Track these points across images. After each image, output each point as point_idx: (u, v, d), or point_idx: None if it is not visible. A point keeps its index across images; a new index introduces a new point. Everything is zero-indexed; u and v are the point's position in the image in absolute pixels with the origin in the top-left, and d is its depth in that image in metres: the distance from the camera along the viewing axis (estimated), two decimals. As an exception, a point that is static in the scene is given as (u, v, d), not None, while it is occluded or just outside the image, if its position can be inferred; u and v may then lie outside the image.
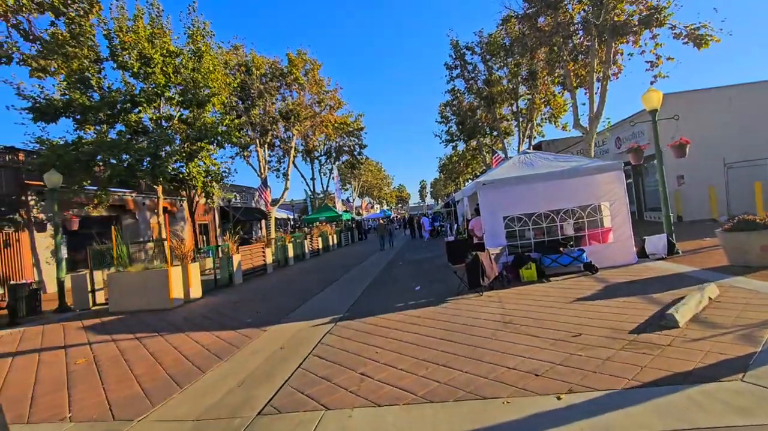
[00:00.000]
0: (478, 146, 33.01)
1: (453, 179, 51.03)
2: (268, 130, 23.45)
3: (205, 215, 25.23)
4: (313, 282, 11.25)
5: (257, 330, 6.43)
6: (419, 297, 7.66)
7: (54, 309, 10.13)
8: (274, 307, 8.24)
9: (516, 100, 22.80)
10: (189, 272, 9.71)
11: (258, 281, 12.78)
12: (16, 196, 13.42)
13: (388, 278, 10.78)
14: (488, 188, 8.45)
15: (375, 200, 70.42)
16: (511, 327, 5.04)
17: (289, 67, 22.80)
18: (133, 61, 12.48)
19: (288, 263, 16.81)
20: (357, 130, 31.86)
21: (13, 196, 13.29)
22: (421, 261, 13.81)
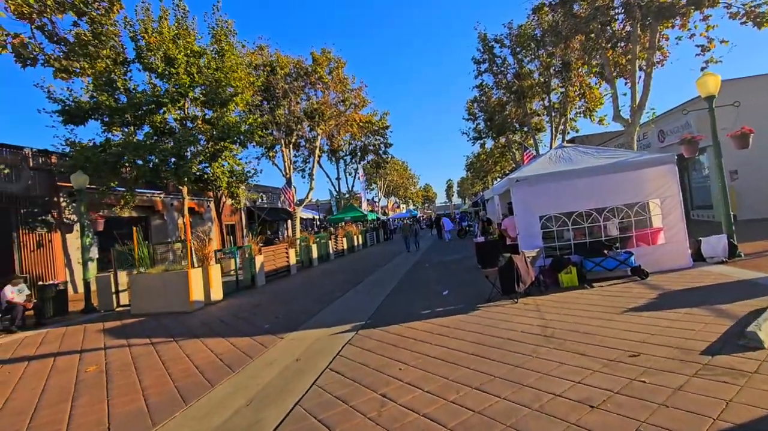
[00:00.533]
0: (507, 143, 31.87)
1: (481, 178, 49.78)
2: (293, 130, 23.37)
3: (232, 215, 25.44)
4: (336, 284, 10.86)
5: (274, 338, 6.05)
6: (447, 303, 7.09)
7: (80, 310, 10.19)
8: (294, 311, 7.87)
9: (548, 94, 21.70)
10: (210, 274, 9.52)
11: (281, 282, 12.52)
12: (49, 197, 13.74)
13: (413, 280, 10.24)
14: (522, 185, 7.77)
15: (401, 199, 69.86)
16: (553, 341, 4.41)
17: (314, 66, 22.60)
18: (158, 61, 12.48)
19: (312, 264, 16.54)
20: (382, 128, 31.43)
21: (45, 197, 13.61)
22: (448, 263, 13.18)
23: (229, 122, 13.10)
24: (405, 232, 21.04)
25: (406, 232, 20.89)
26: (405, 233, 20.87)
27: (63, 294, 10.21)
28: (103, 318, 9.04)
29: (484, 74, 23.35)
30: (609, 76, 13.09)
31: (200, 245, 9.59)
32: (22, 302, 8.58)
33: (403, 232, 21.32)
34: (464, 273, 10.40)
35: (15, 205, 12.77)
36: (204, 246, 9.60)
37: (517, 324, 5.26)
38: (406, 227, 21.44)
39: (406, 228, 21.37)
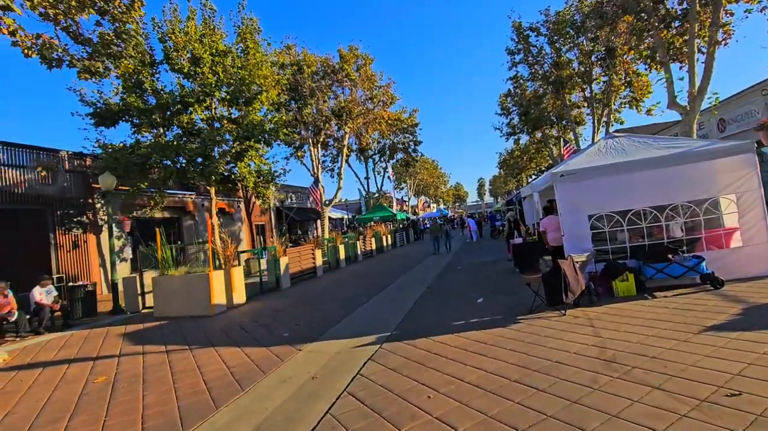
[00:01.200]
0: (544, 139, 30.33)
1: (514, 176, 47.97)
2: (320, 129, 23.12)
3: (262, 215, 25.53)
4: (363, 288, 10.31)
5: (292, 349, 5.55)
6: (483, 313, 6.35)
7: (108, 311, 10.18)
8: (316, 318, 7.37)
9: (589, 84, 20.24)
10: (232, 277, 9.21)
11: (306, 285, 12.12)
12: (84, 199, 14.01)
13: (444, 285, 9.52)
14: (568, 180, 6.89)
15: (431, 198, 68.78)
16: (616, 368, 3.61)
17: (341, 63, 22.22)
18: (184, 61, 12.40)
19: (339, 265, 16.12)
20: (411, 126, 30.71)
21: (80, 199, 13.89)
22: (481, 266, 12.33)
23: (254, 121, 12.85)
24: (434, 232, 19.31)
25: (434, 232, 19.16)
26: (434, 234, 19.18)
27: (92, 295, 10.23)
28: (126, 321, 8.91)
29: (518, 65, 22.13)
30: (663, 59, 11.79)
31: (222, 246, 9.30)
32: (49, 303, 8.57)
33: (432, 232, 19.52)
34: (500, 278, 9.57)
35: (52, 206, 13.07)
36: (227, 248, 9.30)
37: (567, 342, 4.48)
38: (435, 227, 19.64)
39: (435, 228, 19.56)
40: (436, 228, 19.25)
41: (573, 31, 19.14)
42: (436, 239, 18.75)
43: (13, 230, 12.62)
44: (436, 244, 18.65)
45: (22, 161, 12.32)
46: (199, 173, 12.29)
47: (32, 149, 12.64)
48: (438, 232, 18.83)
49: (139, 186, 13.29)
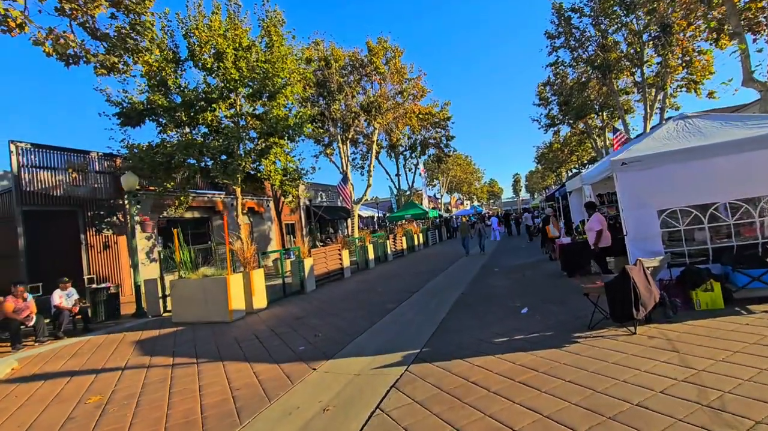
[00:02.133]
0: (587, 129, 28.31)
1: (553, 170, 45.59)
2: (349, 125, 22.52)
3: (292, 214, 25.29)
4: (390, 292, 9.51)
5: (306, 367, 4.83)
6: (529, 326, 5.37)
7: (132, 314, 9.95)
8: (338, 328, 6.64)
9: (640, 66, 18.38)
10: (252, 280, 8.66)
11: (332, 288, 11.46)
12: (114, 200, 14.05)
13: (481, 290, 8.54)
14: (632, 168, 5.76)
15: (464, 195, 67.01)
16: (735, 425, 2.59)
17: (369, 56, 21.49)
18: (208, 57, 12.05)
19: (368, 265, 15.40)
20: (443, 120, 29.54)
21: (111, 200, 13.93)
22: (522, 268, 11.20)
23: (278, 116, 12.33)
24: (463, 232, 17.16)
25: (464, 232, 17.04)
26: (463, 234, 17.10)
27: (114, 298, 10.05)
28: (144, 326, 8.56)
29: (559, 50, 20.53)
30: (737, 29, 10.18)
31: (241, 247, 8.77)
32: (69, 307, 8.35)
33: (461, 232, 17.25)
34: (545, 282, 8.47)
35: (83, 208, 13.16)
36: (246, 249, 8.77)
37: (647, 375, 3.46)
38: (464, 226, 17.38)
39: (463, 227, 17.37)
40: (465, 227, 17.31)
41: (621, 9, 17.43)
42: (464, 240, 16.92)
43: (45, 231, 12.77)
44: (465, 244, 16.79)
45: (53, 163, 12.42)
46: (222, 172, 11.91)
47: (63, 151, 12.73)
48: (467, 231, 16.98)
49: (165, 186, 13.16)
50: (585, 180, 8.38)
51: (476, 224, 18.18)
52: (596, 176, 7.42)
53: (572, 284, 7.78)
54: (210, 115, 12.48)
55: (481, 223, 18.78)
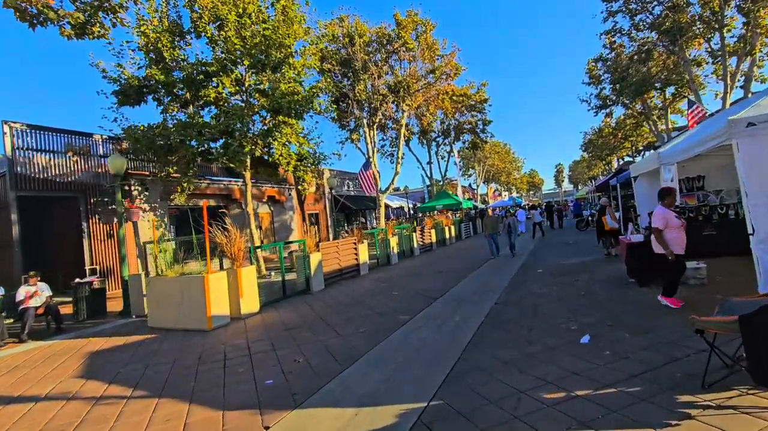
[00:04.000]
0: (645, 110, 24.95)
1: (602, 158, 41.70)
2: (377, 109, 20.80)
3: (316, 203, 24.07)
4: (408, 298, 7.82)
5: (257, 421, 3.27)
6: (597, 372, 3.51)
7: (119, 312, 8.90)
8: (329, 349, 5.06)
9: (720, 30, 15.29)
10: (240, 280, 7.25)
11: (342, 288, 9.92)
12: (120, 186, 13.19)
13: (520, 300, 6.66)
14: (761, 131, 3.70)
15: (503, 186, 63.70)
16: None
17: (397, 30, 19.56)
18: (206, 23, 10.71)
19: (390, 261, 13.76)
20: (479, 103, 27.13)
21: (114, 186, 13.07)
22: (573, 269, 9.14)
23: (284, 91, 10.83)
24: (488, 228, 13.03)
25: (491, 228, 12.91)
26: (489, 230, 13.00)
27: (99, 294, 9.03)
28: (117, 330, 7.39)
29: (616, 15, 17.66)
30: None
31: (228, 240, 7.37)
32: (37, 305, 7.31)
33: (487, 228, 13.18)
34: (609, 294, 6.44)
35: (84, 193, 12.37)
36: (232, 242, 7.36)
37: None
38: (492, 221, 13.30)
39: (491, 222, 13.21)
40: (493, 223, 13.15)
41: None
42: (491, 238, 12.86)
43: (43, 219, 12.08)
44: (493, 244, 12.80)
45: (52, 146, 11.63)
46: (222, 155, 10.61)
47: (62, 133, 11.91)
48: (493, 228, 12.93)
49: (168, 171, 12.10)
50: (666, 158, 6.25)
51: (506, 217, 14.56)
52: (691, 149, 5.32)
53: (648, 299, 5.76)
54: (213, 91, 11.19)
55: (511, 216, 15.13)
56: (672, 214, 5.15)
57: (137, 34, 10.64)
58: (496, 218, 13.68)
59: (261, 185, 19.71)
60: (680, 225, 5.13)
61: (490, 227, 13.02)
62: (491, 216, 13.82)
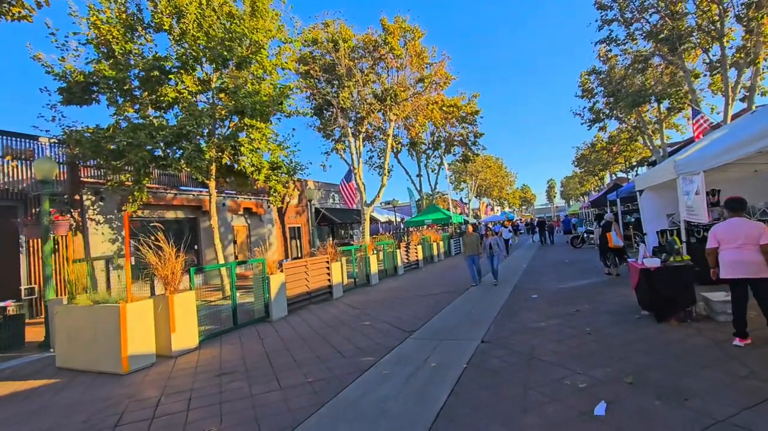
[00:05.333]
0: (639, 125, 24.26)
1: (595, 174, 41.11)
2: (362, 117, 19.77)
3: (298, 217, 22.80)
4: (377, 332, 6.56)
5: None
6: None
7: (39, 344, 7.49)
8: (255, 415, 3.76)
9: (720, 40, 14.56)
10: (172, 309, 5.94)
11: (307, 314, 8.60)
12: (70, 195, 11.86)
13: (512, 338, 5.43)
14: None
15: (495, 201, 62.96)
16: None
17: (384, 36, 18.68)
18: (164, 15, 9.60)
19: (369, 281, 12.47)
20: (471, 114, 26.30)
21: (65, 195, 11.74)
22: (573, 295, 7.95)
23: (249, 91, 9.68)
24: (468, 249, 10.59)
25: (471, 248, 10.49)
26: (468, 252, 10.52)
27: (16, 321, 7.61)
28: (17, 371, 6.00)
29: (612, 23, 16.94)
30: None
31: (159, 261, 6.07)
32: None
33: (466, 248, 10.74)
34: (621, 332, 5.24)
35: (24, 203, 11.00)
36: (164, 264, 6.06)
37: None
38: (471, 239, 10.62)
39: (470, 242, 10.62)
40: (473, 242, 10.52)
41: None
42: (473, 260, 10.37)
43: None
44: (474, 268, 10.34)
45: (-14, 149, 10.31)
46: (177, 161, 9.38)
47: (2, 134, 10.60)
48: (475, 248, 10.41)
49: (121, 179, 10.83)
50: (684, 167, 5.16)
51: (486, 236, 11.05)
52: (723, 154, 4.22)
53: (672, 340, 4.60)
54: (172, 91, 10.01)
55: (493, 235, 11.31)
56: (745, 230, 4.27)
57: (88, 26, 9.49)
58: (477, 237, 10.67)
59: (236, 196, 18.45)
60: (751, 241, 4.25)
61: (470, 247, 10.52)
62: (471, 234, 10.81)
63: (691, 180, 5.08)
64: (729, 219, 4.49)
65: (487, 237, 10.87)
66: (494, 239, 10.85)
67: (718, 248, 4.43)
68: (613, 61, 22.21)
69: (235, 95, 9.43)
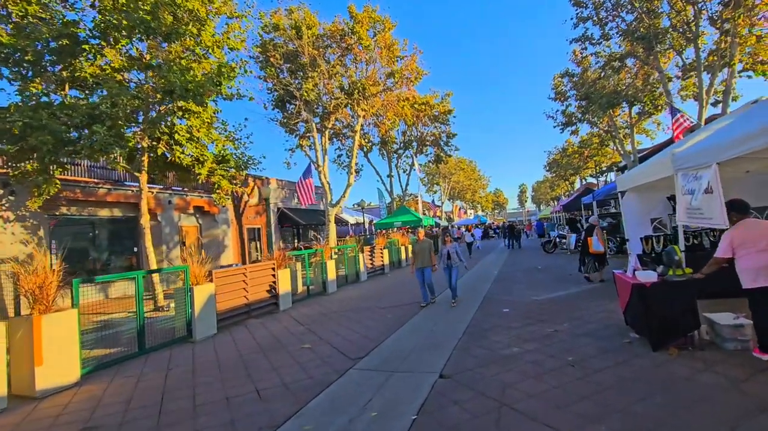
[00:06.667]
0: (612, 128, 24.05)
1: (566, 179, 41.29)
2: (329, 112, 18.47)
3: (258, 217, 21.19)
4: (315, 361, 5.31)
5: None
6: None
7: None
8: None
9: (695, 41, 14.15)
10: (37, 334, 4.49)
11: (240, 333, 7.23)
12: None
13: (477, 372, 4.31)
14: None
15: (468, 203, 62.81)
16: None
17: (351, 24, 17.47)
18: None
19: (326, 289, 11.18)
20: (443, 114, 25.46)
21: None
22: (549, 309, 6.95)
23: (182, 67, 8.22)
24: (416, 258, 8.30)
25: (418, 259, 8.25)
26: (417, 261, 8.28)
27: None
28: None
29: (587, 22, 16.38)
30: None
31: (25, 274, 4.61)
32: None
33: (414, 256, 8.43)
34: (608, 360, 4.19)
35: None
36: (32, 275, 4.60)
37: None
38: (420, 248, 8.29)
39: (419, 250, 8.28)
40: (423, 250, 8.22)
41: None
42: (424, 274, 8.13)
43: None
44: (424, 282, 8.16)
45: None
46: (89, 147, 7.81)
47: None
48: (426, 259, 8.13)
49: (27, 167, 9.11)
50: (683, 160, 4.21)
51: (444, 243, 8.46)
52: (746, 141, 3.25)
53: (678, 375, 3.60)
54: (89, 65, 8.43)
55: (453, 241, 8.61)
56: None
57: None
58: (430, 245, 8.30)
59: (186, 193, 16.74)
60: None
61: (420, 256, 8.16)
62: (422, 240, 8.39)
63: (697, 176, 4.13)
64: (744, 221, 3.69)
65: (444, 244, 8.42)
66: (453, 246, 8.27)
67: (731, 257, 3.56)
68: (586, 63, 21.90)
69: (160, 70, 7.94)
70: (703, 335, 4.44)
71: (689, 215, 4.40)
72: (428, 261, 8.17)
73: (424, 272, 8.19)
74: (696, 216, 4.27)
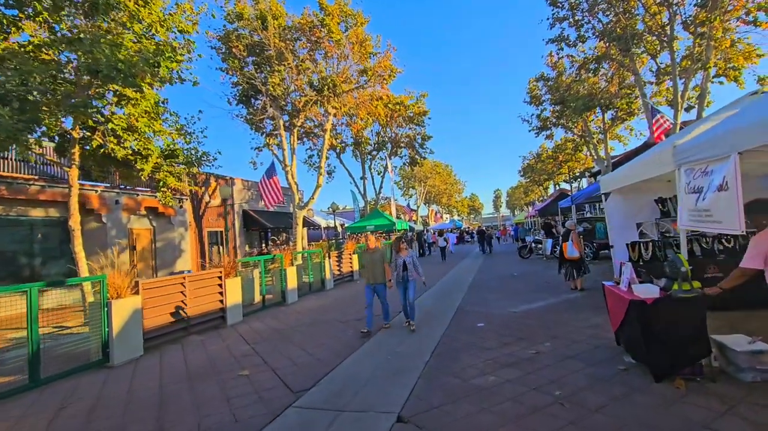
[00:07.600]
0: (585, 133, 24.00)
1: (540, 183, 41.47)
2: (298, 110, 17.42)
3: (220, 219, 19.82)
4: (248, 397, 4.33)
5: None
6: None
7: None
8: None
9: (670, 45, 13.96)
10: None
11: (171, 356, 6.13)
12: None
13: (444, 419, 3.45)
14: None
15: (443, 208, 62.59)
16: None
17: (321, 17, 16.55)
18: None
19: (286, 299, 10.12)
20: (418, 115, 24.81)
21: None
22: (527, 324, 6.19)
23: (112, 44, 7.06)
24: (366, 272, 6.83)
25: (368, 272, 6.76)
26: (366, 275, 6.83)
27: None
28: None
29: (563, 22, 16.04)
30: None
31: None
32: None
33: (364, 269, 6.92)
34: (603, 394, 3.41)
35: None
36: None
37: None
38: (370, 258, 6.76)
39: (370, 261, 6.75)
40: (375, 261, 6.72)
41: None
42: (376, 292, 6.69)
43: None
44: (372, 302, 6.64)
45: None
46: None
47: None
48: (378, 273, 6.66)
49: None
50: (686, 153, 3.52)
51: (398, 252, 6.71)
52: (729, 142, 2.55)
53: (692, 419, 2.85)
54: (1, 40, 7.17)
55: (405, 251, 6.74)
56: None
57: None
58: (382, 256, 6.83)
59: (136, 192, 15.31)
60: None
61: (370, 270, 6.70)
62: (373, 250, 6.91)
63: (707, 171, 3.43)
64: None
65: (398, 253, 6.65)
66: (410, 255, 6.65)
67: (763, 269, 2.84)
68: (561, 67, 21.75)
69: (81, 44, 6.76)
70: (712, 361, 3.73)
71: (694, 218, 3.71)
72: (381, 276, 6.59)
73: (376, 289, 6.60)
74: (702, 219, 3.57)
